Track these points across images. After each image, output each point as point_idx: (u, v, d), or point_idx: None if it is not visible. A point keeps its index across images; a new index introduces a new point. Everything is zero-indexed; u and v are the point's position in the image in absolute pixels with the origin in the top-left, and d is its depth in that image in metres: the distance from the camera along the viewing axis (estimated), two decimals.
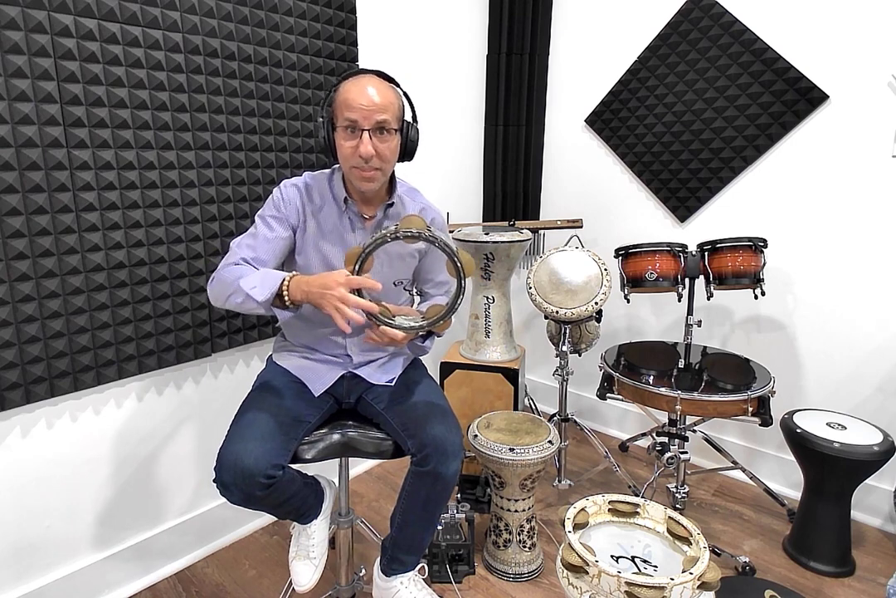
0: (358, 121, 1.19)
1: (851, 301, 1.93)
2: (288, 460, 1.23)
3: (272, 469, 1.15)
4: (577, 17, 2.41)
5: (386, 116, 1.20)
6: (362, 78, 1.22)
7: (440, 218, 1.46)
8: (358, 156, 1.21)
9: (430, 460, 1.24)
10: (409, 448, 1.28)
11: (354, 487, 2.17)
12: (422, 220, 1.08)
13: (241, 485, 1.14)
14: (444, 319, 1.11)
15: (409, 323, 1.13)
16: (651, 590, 1.05)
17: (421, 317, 1.15)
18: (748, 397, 1.58)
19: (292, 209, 1.32)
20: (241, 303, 1.18)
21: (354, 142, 1.21)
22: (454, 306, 1.09)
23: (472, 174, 2.65)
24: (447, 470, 1.25)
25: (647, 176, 2.31)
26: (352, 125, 1.20)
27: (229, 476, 1.15)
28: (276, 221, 1.30)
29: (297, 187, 1.34)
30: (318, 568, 1.37)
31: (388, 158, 1.25)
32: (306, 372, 1.40)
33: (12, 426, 1.40)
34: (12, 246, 1.31)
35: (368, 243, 1.08)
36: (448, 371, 2.15)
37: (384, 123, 1.20)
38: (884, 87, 1.77)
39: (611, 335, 2.53)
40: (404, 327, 1.12)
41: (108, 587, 1.62)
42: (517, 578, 1.71)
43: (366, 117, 1.19)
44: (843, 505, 1.73)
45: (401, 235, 1.06)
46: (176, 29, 1.49)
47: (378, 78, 1.24)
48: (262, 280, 1.17)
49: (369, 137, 1.20)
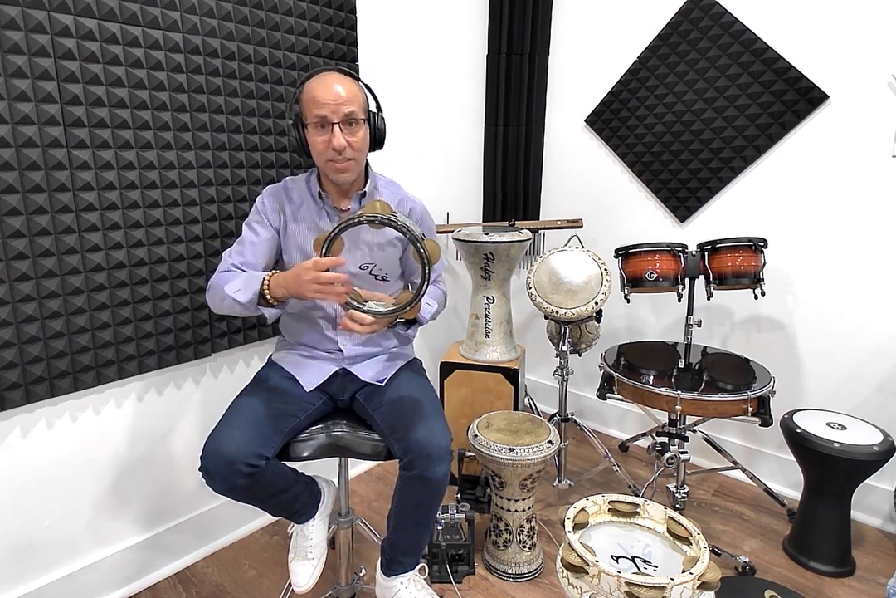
0: (327, 115, 1.24)
1: (851, 301, 1.93)
2: (274, 453, 1.23)
3: (254, 458, 1.16)
4: (577, 17, 2.40)
5: (353, 107, 1.25)
6: (325, 75, 1.27)
7: (420, 207, 1.49)
8: (332, 149, 1.26)
9: (416, 465, 1.24)
10: (396, 452, 1.28)
11: (354, 487, 2.17)
12: (386, 205, 1.09)
13: (224, 473, 1.16)
14: (410, 305, 1.12)
15: (378, 308, 1.15)
16: (651, 590, 1.05)
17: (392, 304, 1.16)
18: (748, 397, 1.58)
19: (273, 212, 1.38)
20: (230, 306, 1.25)
21: (326, 136, 1.26)
22: (420, 293, 1.10)
23: (472, 174, 2.65)
24: (434, 474, 1.25)
25: (647, 176, 2.31)
26: (322, 121, 1.25)
27: (211, 463, 1.16)
28: (259, 225, 1.37)
29: (276, 190, 1.41)
30: (317, 569, 1.38)
31: (360, 148, 1.30)
32: (299, 367, 1.42)
33: (12, 426, 1.40)
34: (12, 246, 1.31)
35: (333, 228, 1.09)
36: (448, 371, 2.15)
37: (352, 114, 1.25)
38: (884, 88, 1.77)
39: (611, 335, 2.53)
40: (372, 311, 1.14)
41: (108, 587, 1.62)
42: (517, 578, 1.71)
43: (334, 111, 1.24)
44: (843, 505, 1.73)
45: (363, 219, 1.07)
46: (176, 29, 1.49)
47: (339, 74, 1.28)
48: (245, 283, 1.25)
49: (340, 130, 1.25)
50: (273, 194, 1.40)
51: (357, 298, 1.16)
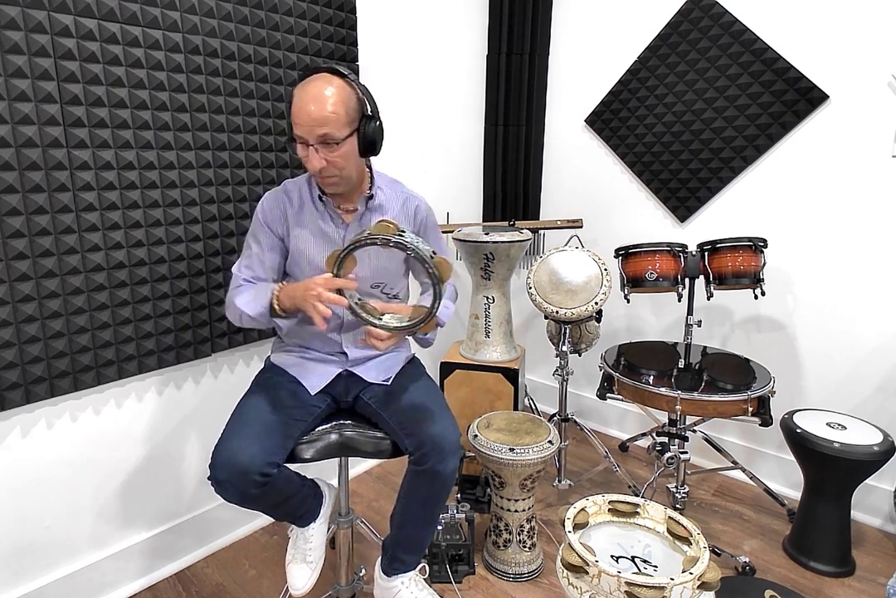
0: (303, 136, 1.20)
1: (851, 301, 1.93)
2: (284, 459, 1.23)
3: (268, 467, 1.16)
4: (577, 17, 2.40)
5: (325, 129, 1.17)
6: (307, 86, 1.19)
7: (424, 205, 1.47)
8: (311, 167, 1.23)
9: (428, 459, 1.25)
10: (407, 447, 1.28)
11: (354, 487, 2.17)
12: (393, 225, 1.08)
13: (237, 483, 1.15)
14: (423, 322, 1.13)
15: (394, 323, 1.16)
16: (651, 590, 1.05)
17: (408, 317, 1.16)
18: (748, 397, 1.58)
19: (275, 219, 1.35)
20: (248, 321, 1.29)
21: (306, 153, 1.22)
22: (433, 309, 1.10)
23: (472, 174, 2.65)
24: (445, 468, 1.26)
25: (647, 176, 2.31)
26: (300, 139, 1.21)
27: (224, 474, 1.15)
28: (263, 235, 1.36)
29: (276, 195, 1.38)
30: (315, 572, 1.37)
31: (342, 165, 1.24)
32: (303, 371, 1.41)
33: (12, 426, 1.40)
34: (12, 246, 1.31)
35: (344, 247, 1.10)
36: (448, 371, 2.15)
37: (325, 137, 1.19)
38: (884, 88, 1.77)
39: (611, 335, 2.53)
40: (388, 327, 1.15)
41: (108, 587, 1.62)
42: (517, 578, 1.71)
43: (309, 133, 1.19)
44: (843, 505, 1.73)
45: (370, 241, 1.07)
46: (176, 29, 1.49)
47: (322, 82, 1.19)
48: (254, 296, 1.28)
49: (315, 151, 1.20)
50: (273, 200, 1.36)
51: (373, 312, 1.16)
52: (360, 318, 1.16)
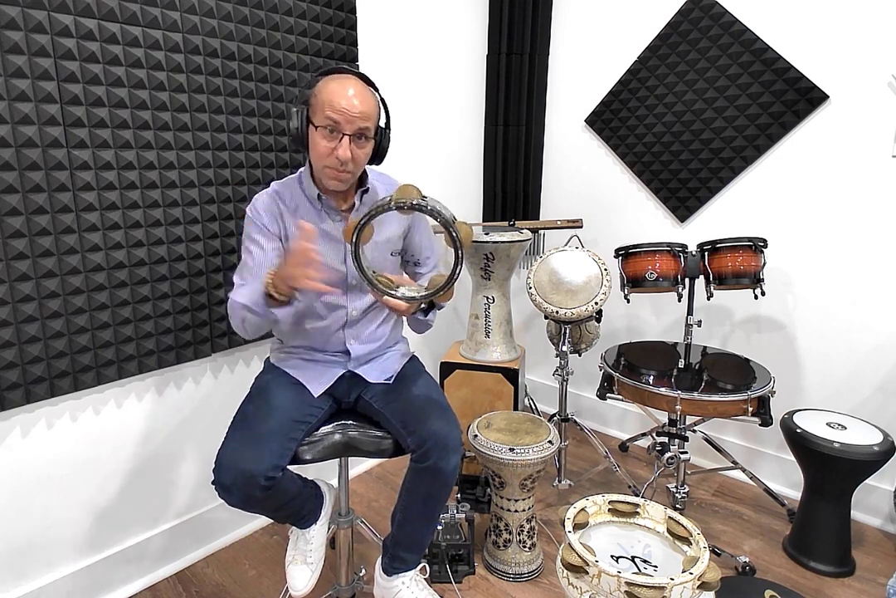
0: (340, 124, 1.19)
1: (851, 301, 1.93)
2: (287, 462, 1.23)
3: (272, 471, 1.16)
4: (577, 17, 2.40)
5: (368, 124, 1.21)
6: (347, 80, 1.22)
7: None
8: (335, 158, 1.22)
9: (431, 455, 1.25)
10: (409, 445, 1.28)
11: (354, 487, 2.17)
12: (417, 189, 1.07)
13: (242, 487, 1.14)
14: (445, 289, 1.11)
15: (413, 293, 1.14)
16: (651, 590, 1.05)
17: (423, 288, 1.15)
18: (748, 397, 1.58)
19: (270, 218, 1.33)
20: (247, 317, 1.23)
21: (333, 143, 1.21)
22: (454, 275, 1.09)
23: (472, 174, 2.65)
24: (447, 465, 1.26)
25: (647, 176, 2.31)
26: (333, 127, 1.20)
27: (229, 478, 1.15)
28: (261, 237, 1.32)
29: (268, 196, 1.35)
30: (315, 573, 1.37)
31: (361, 163, 1.28)
32: (305, 373, 1.40)
33: (12, 426, 1.40)
34: (12, 246, 1.31)
35: (365, 213, 1.08)
36: (448, 371, 2.15)
37: (365, 130, 1.22)
38: (884, 87, 1.77)
39: (611, 335, 2.53)
40: (407, 296, 1.14)
41: (107, 587, 1.62)
42: (517, 578, 1.71)
43: (349, 122, 1.19)
44: (843, 505, 1.73)
45: (393, 205, 1.06)
46: (176, 29, 1.49)
47: (362, 82, 1.23)
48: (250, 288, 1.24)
49: (349, 142, 1.21)
50: (266, 202, 1.34)
51: (389, 284, 1.15)
52: (377, 289, 1.13)
